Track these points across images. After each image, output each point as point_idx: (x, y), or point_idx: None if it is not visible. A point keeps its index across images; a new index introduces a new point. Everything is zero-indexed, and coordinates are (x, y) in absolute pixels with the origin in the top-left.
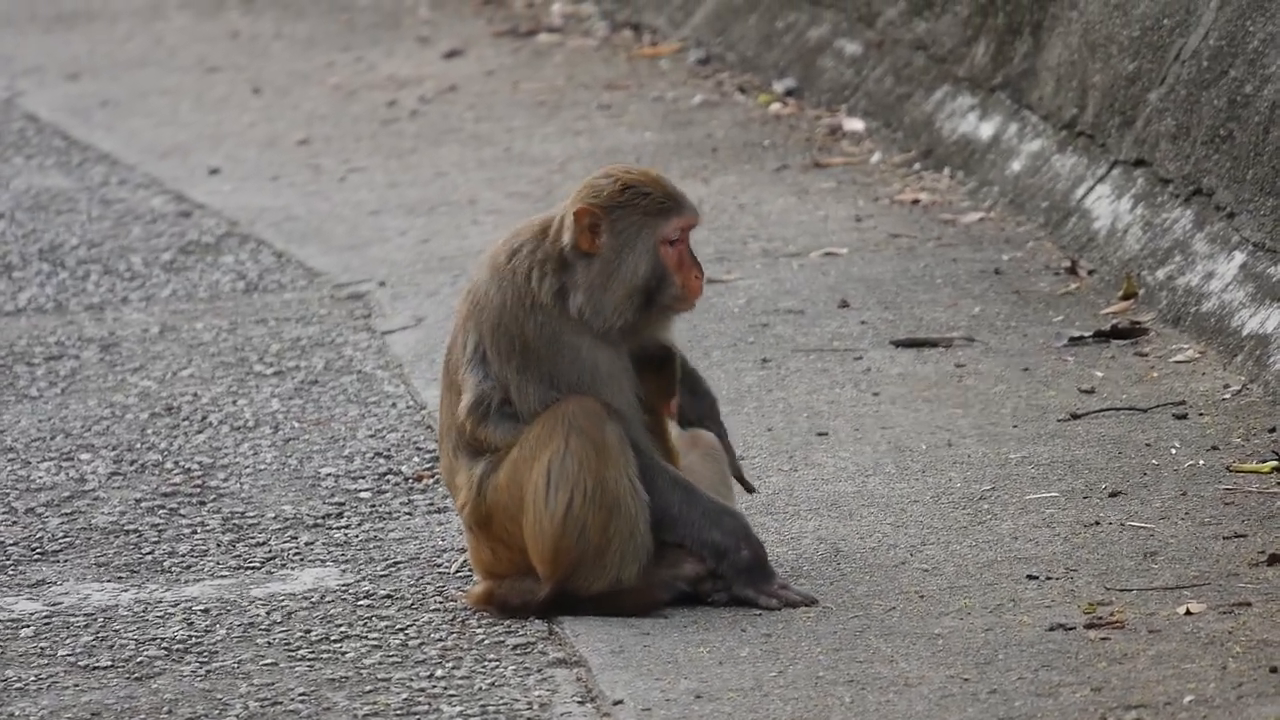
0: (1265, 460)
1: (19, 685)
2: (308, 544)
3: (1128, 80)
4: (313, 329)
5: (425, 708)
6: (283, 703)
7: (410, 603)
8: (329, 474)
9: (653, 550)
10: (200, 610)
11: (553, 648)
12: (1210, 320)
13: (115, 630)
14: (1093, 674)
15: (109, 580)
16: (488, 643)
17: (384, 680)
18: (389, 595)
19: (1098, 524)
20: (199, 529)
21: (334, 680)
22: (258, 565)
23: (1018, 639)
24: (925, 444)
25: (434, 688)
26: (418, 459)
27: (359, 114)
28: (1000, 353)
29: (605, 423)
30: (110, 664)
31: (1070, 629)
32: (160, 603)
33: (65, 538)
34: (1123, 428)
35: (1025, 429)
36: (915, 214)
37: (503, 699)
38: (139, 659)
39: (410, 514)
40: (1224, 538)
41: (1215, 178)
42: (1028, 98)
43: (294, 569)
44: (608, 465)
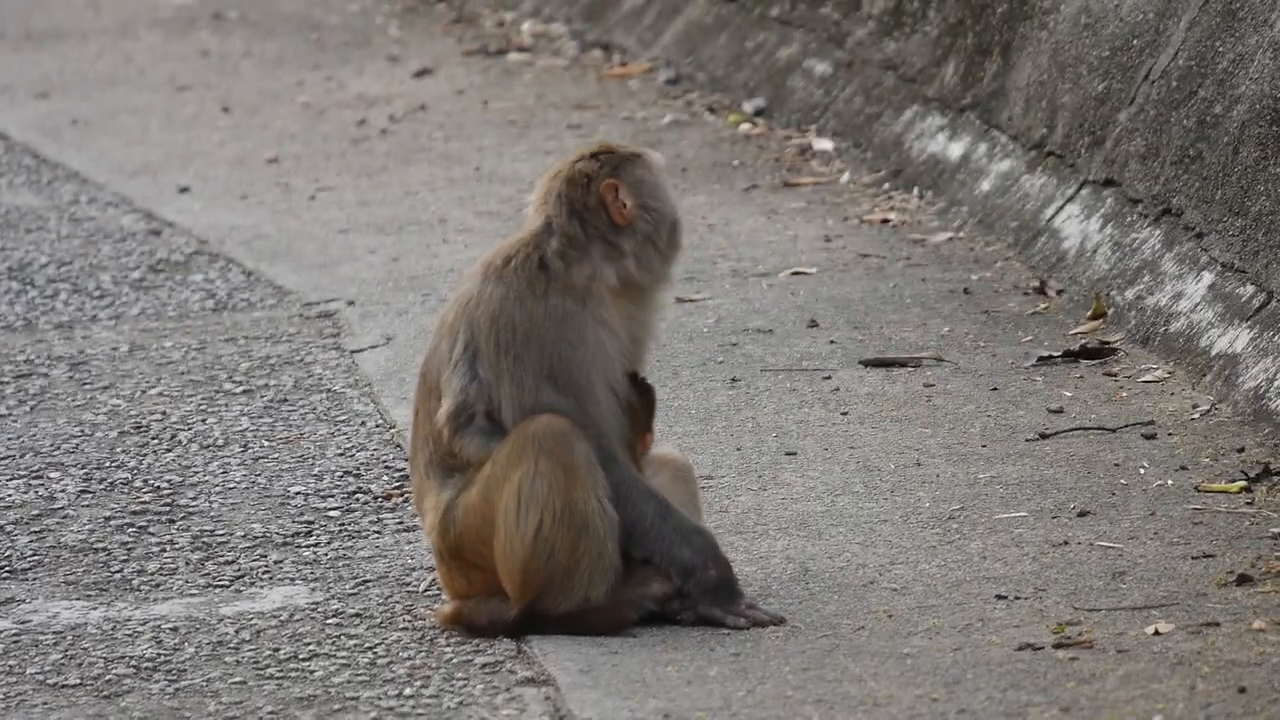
0: (1234, 480)
1: None
2: (276, 562)
3: (1097, 100)
4: (282, 347)
5: None
6: None
7: (379, 621)
8: (298, 492)
9: (621, 570)
10: (169, 629)
11: (521, 667)
12: (1179, 340)
13: (84, 649)
14: (1061, 694)
15: (78, 598)
16: (456, 661)
17: (352, 699)
18: (358, 614)
19: (1066, 544)
20: (168, 547)
21: (302, 699)
22: (227, 584)
23: (986, 659)
24: (894, 463)
25: (402, 706)
26: (387, 478)
27: (329, 133)
28: (969, 372)
29: (574, 444)
30: (79, 682)
31: (1039, 649)
32: (129, 621)
33: (34, 556)
34: (1091, 447)
35: (994, 449)
36: (884, 234)
37: (471, 718)
38: (108, 677)
39: (379, 533)
40: (1193, 558)
41: (1184, 198)
42: (997, 118)
43: (263, 587)
44: (576, 486)
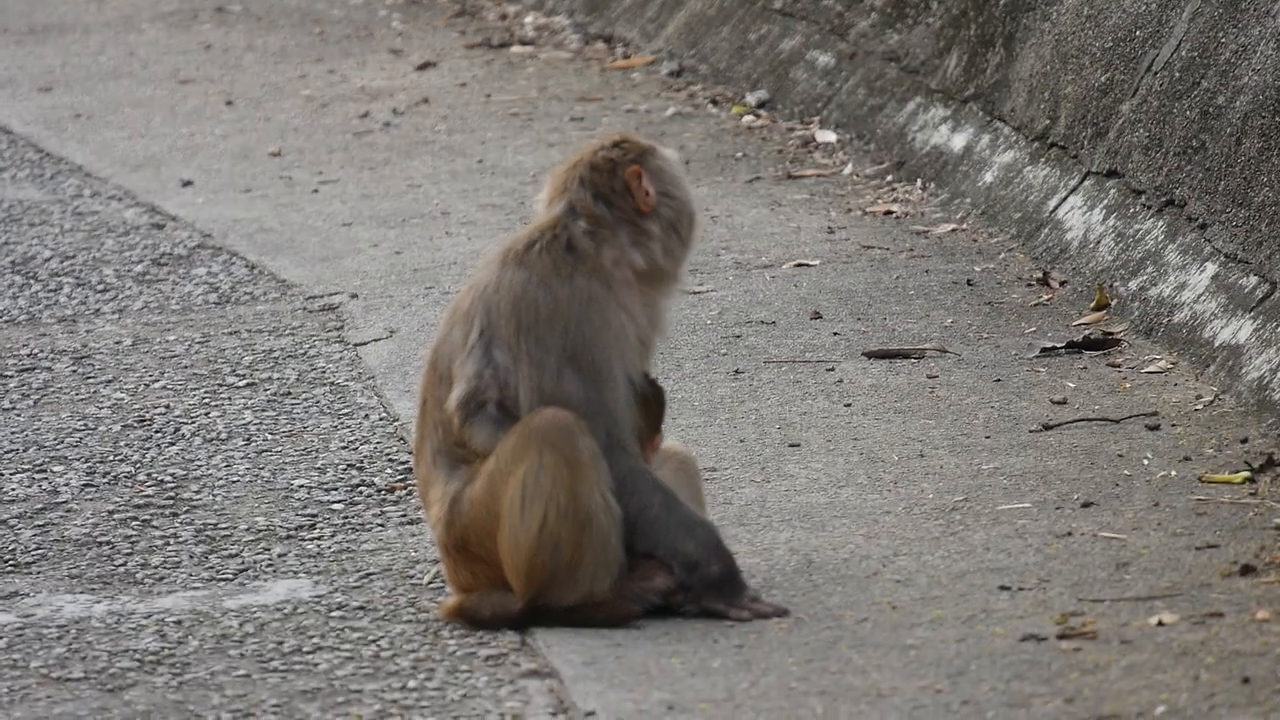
0: (1237, 471)
1: None
2: (280, 555)
3: (1100, 91)
4: (285, 341)
5: (398, 719)
6: (255, 714)
7: (383, 614)
8: (302, 485)
9: (625, 563)
10: (173, 622)
11: (525, 659)
12: (1182, 331)
13: (88, 642)
14: (1065, 685)
15: (82, 592)
16: (460, 654)
17: (356, 692)
18: (362, 607)
19: (1070, 535)
20: (172, 541)
21: (307, 692)
22: (230, 577)
23: (990, 650)
24: (897, 455)
25: (406, 699)
26: (390, 470)
27: (331, 126)
28: (972, 364)
29: (578, 438)
30: (83, 675)
31: (1042, 640)
32: (133, 614)
33: (38, 549)
34: (1095, 438)
35: (997, 440)
36: (888, 225)
37: (475, 710)
38: (112, 670)
39: (383, 525)
40: (1196, 548)
41: (1187, 189)
42: (1000, 109)
43: (266, 580)
44: (580, 481)
